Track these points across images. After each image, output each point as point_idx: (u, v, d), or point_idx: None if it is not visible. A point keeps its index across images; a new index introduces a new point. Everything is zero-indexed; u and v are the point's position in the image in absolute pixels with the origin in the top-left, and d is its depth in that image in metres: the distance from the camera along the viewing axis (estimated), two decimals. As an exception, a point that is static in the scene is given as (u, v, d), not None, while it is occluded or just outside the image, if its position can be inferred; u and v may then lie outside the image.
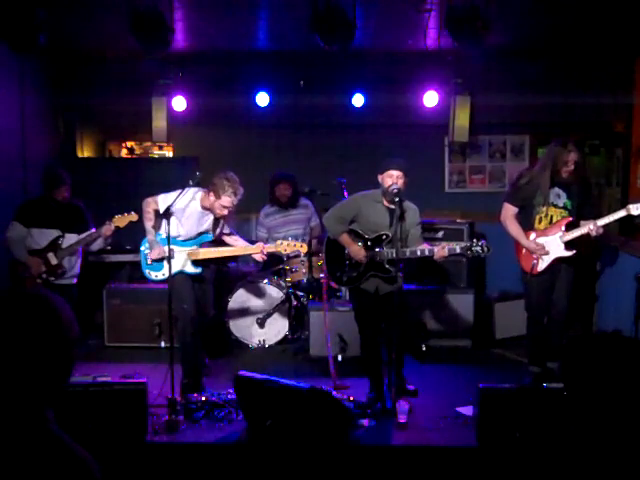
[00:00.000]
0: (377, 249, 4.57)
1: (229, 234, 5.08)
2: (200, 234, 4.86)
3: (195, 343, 4.88)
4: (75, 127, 7.38)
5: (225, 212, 4.71)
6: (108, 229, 5.04)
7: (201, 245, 4.88)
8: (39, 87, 6.41)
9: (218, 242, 5.07)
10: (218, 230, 4.95)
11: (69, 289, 5.23)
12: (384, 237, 4.56)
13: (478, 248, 4.31)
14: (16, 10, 4.48)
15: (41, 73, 6.44)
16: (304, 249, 4.84)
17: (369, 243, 4.59)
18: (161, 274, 4.84)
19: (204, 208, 4.77)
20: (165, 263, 4.71)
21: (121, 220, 5.04)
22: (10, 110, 5.78)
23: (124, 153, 8.46)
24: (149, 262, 4.84)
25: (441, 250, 4.37)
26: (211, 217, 4.85)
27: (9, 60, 5.52)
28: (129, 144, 8.43)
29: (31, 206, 5.19)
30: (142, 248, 4.94)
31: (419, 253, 4.42)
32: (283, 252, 4.85)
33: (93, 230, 5.24)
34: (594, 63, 6.65)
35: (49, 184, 5.13)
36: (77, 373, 5.17)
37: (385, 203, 4.59)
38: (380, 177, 4.54)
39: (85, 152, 7.69)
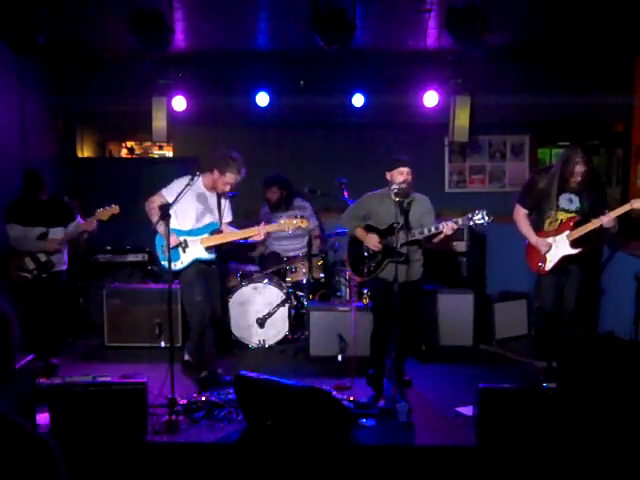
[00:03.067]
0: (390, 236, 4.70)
1: (229, 223, 5.17)
2: (208, 223, 4.97)
3: (207, 336, 5.00)
4: (75, 127, 7.38)
5: (227, 188, 4.94)
6: (92, 223, 5.14)
7: (211, 233, 4.98)
8: (39, 87, 6.40)
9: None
10: (222, 214, 5.08)
11: (58, 275, 5.33)
12: (395, 225, 4.65)
13: (479, 217, 4.43)
14: (16, 10, 4.48)
15: (41, 73, 6.44)
16: (304, 224, 4.99)
17: (382, 233, 4.74)
18: (180, 262, 4.91)
19: (206, 187, 4.98)
20: (181, 251, 4.88)
21: (103, 213, 5.11)
22: (10, 110, 5.78)
23: (124, 153, 8.47)
24: (166, 254, 4.81)
25: (446, 226, 4.48)
26: (214, 199, 5.01)
27: (9, 60, 5.52)
28: (129, 144, 8.44)
29: (16, 206, 5.26)
30: (157, 243, 4.98)
31: (426, 232, 4.56)
32: (286, 230, 5.02)
33: (80, 221, 5.30)
34: (594, 63, 6.66)
35: (30, 187, 5.21)
36: (77, 373, 5.22)
37: (393, 198, 4.70)
38: (389, 175, 4.70)
39: (85, 152, 7.69)
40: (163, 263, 4.89)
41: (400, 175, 4.64)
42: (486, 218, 4.43)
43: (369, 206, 4.84)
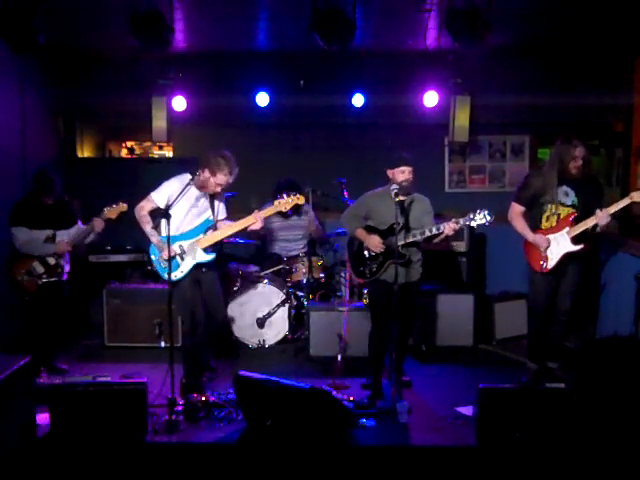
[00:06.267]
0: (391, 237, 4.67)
1: (224, 220, 5.04)
2: (201, 222, 4.85)
3: (200, 346, 4.92)
4: (75, 127, 7.38)
5: (218, 189, 4.79)
6: (100, 223, 5.07)
7: (206, 232, 4.87)
8: (39, 87, 6.40)
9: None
10: (216, 213, 4.94)
11: (62, 285, 5.26)
12: (395, 226, 4.64)
13: (480, 217, 4.42)
14: (16, 10, 4.48)
15: (41, 73, 6.44)
16: (301, 200, 4.90)
17: (383, 234, 4.71)
18: (180, 272, 4.78)
19: (197, 187, 4.79)
20: (179, 260, 4.77)
21: (111, 212, 5.07)
22: (10, 110, 5.78)
23: (124, 153, 8.48)
24: (163, 265, 4.74)
25: (447, 227, 4.46)
26: (206, 198, 4.87)
27: (9, 60, 5.52)
28: (129, 144, 8.45)
29: (23, 208, 5.13)
30: (152, 257, 4.86)
31: (427, 232, 4.54)
32: (284, 210, 4.92)
33: (80, 225, 5.26)
34: (594, 63, 6.65)
35: (39, 189, 5.09)
36: (77, 373, 5.22)
37: (393, 198, 4.68)
38: (390, 172, 4.67)
39: (85, 152, 7.69)
40: (163, 275, 4.74)
41: (402, 174, 4.61)
42: (488, 217, 4.42)
43: (369, 206, 4.82)
